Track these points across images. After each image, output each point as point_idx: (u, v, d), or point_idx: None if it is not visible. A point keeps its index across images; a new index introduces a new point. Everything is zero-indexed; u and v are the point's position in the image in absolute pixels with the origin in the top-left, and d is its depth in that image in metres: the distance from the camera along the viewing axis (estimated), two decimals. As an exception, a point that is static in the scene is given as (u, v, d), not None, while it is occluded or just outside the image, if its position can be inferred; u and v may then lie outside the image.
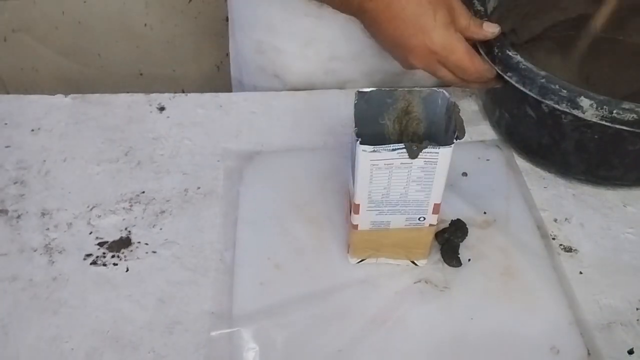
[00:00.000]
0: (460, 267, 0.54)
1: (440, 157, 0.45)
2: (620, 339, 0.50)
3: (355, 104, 0.47)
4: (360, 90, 0.47)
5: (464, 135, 0.45)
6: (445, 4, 0.57)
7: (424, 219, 0.49)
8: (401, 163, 0.45)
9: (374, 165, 0.45)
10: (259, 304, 0.51)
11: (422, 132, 0.50)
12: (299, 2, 0.70)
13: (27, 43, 1.33)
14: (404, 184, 0.46)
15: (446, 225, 0.56)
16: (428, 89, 0.48)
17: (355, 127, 0.45)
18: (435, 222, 0.50)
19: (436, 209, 0.49)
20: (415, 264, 0.54)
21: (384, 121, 0.49)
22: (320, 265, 0.53)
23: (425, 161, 0.45)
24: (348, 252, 0.54)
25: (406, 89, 0.48)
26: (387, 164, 0.45)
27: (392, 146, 0.44)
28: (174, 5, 1.30)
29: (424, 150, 0.44)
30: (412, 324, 0.50)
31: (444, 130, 0.48)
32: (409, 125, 0.49)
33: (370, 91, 0.48)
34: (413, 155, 0.44)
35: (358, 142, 0.44)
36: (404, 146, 0.44)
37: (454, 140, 0.44)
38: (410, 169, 0.45)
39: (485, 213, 0.58)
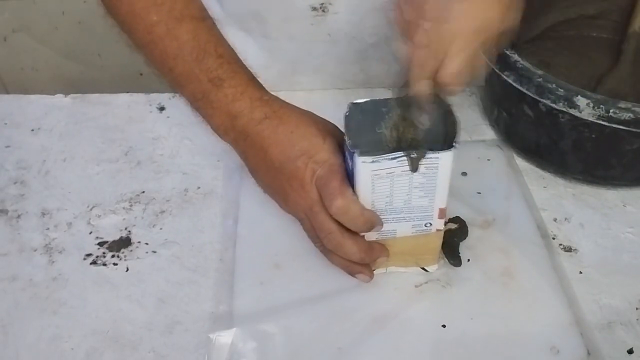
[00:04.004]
0: (460, 267, 0.54)
1: (441, 162, 0.44)
2: (620, 339, 0.50)
3: (346, 116, 0.46)
4: (354, 102, 0.47)
5: (459, 137, 0.44)
6: (335, 138, 0.51)
7: (431, 224, 0.49)
8: (402, 171, 0.44)
9: (375, 175, 0.45)
10: (259, 304, 0.51)
11: (420, 137, 0.49)
12: (252, 32, 0.69)
13: (27, 43, 1.33)
14: (407, 191, 0.46)
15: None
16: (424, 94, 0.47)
17: (348, 139, 0.45)
18: (442, 227, 0.50)
19: (442, 213, 0.48)
20: (426, 270, 0.53)
21: (381, 130, 0.49)
22: (320, 265, 0.53)
23: (426, 167, 0.44)
24: None
25: (402, 96, 0.47)
26: (389, 173, 0.44)
27: (391, 155, 0.43)
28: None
29: (424, 157, 0.43)
30: (411, 323, 0.50)
31: (443, 133, 0.48)
32: (407, 132, 0.49)
33: (365, 102, 0.47)
34: (414, 165, 0.44)
35: (356, 153, 0.43)
36: (403, 154, 0.43)
37: (454, 144, 0.44)
38: (412, 176, 0.45)
39: (485, 213, 0.58)
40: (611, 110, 0.53)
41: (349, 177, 0.47)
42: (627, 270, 0.55)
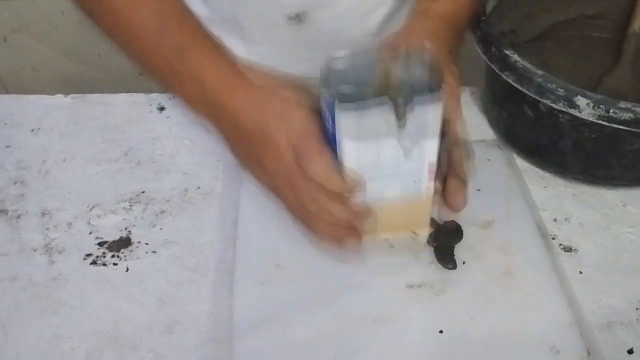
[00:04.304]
0: (460, 267, 0.54)
1: (429, 110, 0.41)
2: (620, 339, 0.50)
3: (323, 69, 0.42)
4: (333, 56, 0.43)
5: (445, 86, 0.41)
6: (312, 102, 0.48)
7: (420, 181, 0.46)
8: (388, 122, 0.41)
9: (359, 128, 0.41)
10: (259, 304, 0.51)
11: (405, 91, 0.43)
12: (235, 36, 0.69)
13: (27, 43, 1.33)
14: (394, 145, 0.43)
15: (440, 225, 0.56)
16: (409, 47, 0.44)
17: (327, 91, 0.41)
18: (432, 187, 0.47)
19: (431, 171, 0.46)
20: (416, 234, 0.52)
21: (364, 87, 0.43)
22: (320, 265, 0.53)
23: (414, 117, 0.41)
24: None
25: (386, 50, 0.44)
26: (373, 124, 0.41)
27: (376, 102, 0.40)
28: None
29: (410, 102, 0.40)
30: (411, 322, 0.50)
31: (429, 85, 0.43)
32: (391, 86, 0.43)
33: (345, 56, 0.43)
34: (400, 114, 0.41)
35: (336, 102, 0.40)
36: (389, 101, 0.40)
37: (440, 88, 0.41)
38: (400, 128, 0.42)
39: (485, 213, 0.58)
40: (611, 110, 0.53)
41: (329, 142, 0.44)
42: (627, 270, 0.55)
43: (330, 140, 0.44)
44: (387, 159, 0.44)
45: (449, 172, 0.48)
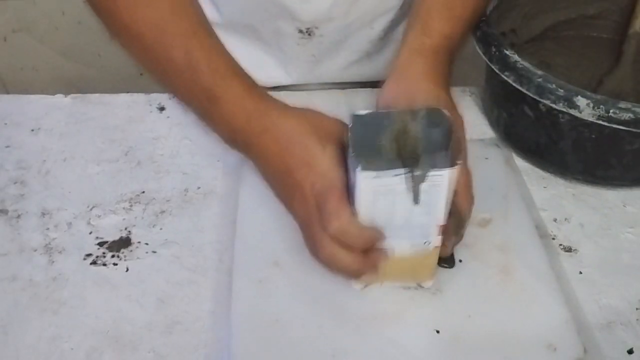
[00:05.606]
0: (458, 265, 0.54)
1: (443, 180, 0.43)
2: (619, 339, 0.50)
3: (350, 128, 0.45)
4: (356, 113, 0.46)
5: (459, 158, 0.44)
6: (336, 143, 0.50)
7: (429, 242, 0.48)
8: (404, 188, 0.44)
9: (376, 191, 0.44)
10: (258, 302, 0.51)
11: (420, 151, 0.47)
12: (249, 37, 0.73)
13: (27, 43, 1.33)
14: (408, 208, 0.45)
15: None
16: (426, 108, 0.46)
17: (353, 152, 0.44)
18: (439, 244, 0.49)
19: (440, 230, 0.48)
20: (421, 286, 0.53)
21: (380, 142, 0.47)
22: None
23: (428, 185, 0.44)
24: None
25: (404, 110, 0.46)
26: (390, 190, 0.44)
27: (394, 172, 0.43)
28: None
29: (427, 175, 0.43)
30: (410, 321, 0.50)
31: (443, 147, 0.46)
32: (407, 145, 0.47)
33: (367, 114, 0.46)
34: (416, 183, 0.43)
35: (358, 168, 0.42)
36: (406, 172, 0.43)
37: (456, 162, 0.43)
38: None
39: (482, 211, 0.58)
40: (611, 111, 0.53)
41: (351, 188, 0.46)
42: (627, 270, 0.55)
43: (351, 186, 0.46)
44: (400, 220, 0.46)
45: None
